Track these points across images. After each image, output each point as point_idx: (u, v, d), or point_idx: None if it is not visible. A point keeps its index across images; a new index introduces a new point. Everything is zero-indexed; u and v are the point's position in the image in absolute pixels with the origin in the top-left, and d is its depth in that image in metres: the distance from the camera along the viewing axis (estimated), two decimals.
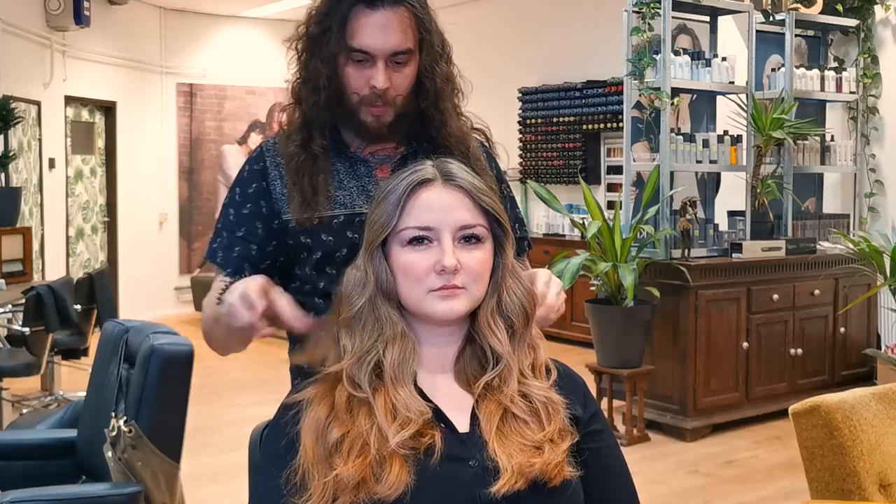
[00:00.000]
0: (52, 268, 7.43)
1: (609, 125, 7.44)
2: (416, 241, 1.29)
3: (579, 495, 1.28)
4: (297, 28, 1.65)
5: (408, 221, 1.30)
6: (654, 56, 5.02)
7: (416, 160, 1.50)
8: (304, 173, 1.60)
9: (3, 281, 5.34)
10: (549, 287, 1.55)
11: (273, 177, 1.64)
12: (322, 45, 1.59)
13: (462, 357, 1.33)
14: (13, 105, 5.91)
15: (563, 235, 7.65)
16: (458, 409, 1.29)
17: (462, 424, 1.28)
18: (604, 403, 5.02)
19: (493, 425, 1.26)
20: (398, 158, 1.66)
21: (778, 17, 5.70)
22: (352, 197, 1.64)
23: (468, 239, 1.30)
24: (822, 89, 5.84)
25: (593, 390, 5.05)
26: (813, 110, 5.95)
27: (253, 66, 9.35)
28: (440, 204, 1.30)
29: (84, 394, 2.90)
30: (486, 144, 1.77)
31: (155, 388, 2.45)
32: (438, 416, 1.26)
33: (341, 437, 1.22)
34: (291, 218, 1.61)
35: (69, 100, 7.96)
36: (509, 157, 8.32)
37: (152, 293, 8.83)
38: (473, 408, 1.29)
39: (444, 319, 1.30)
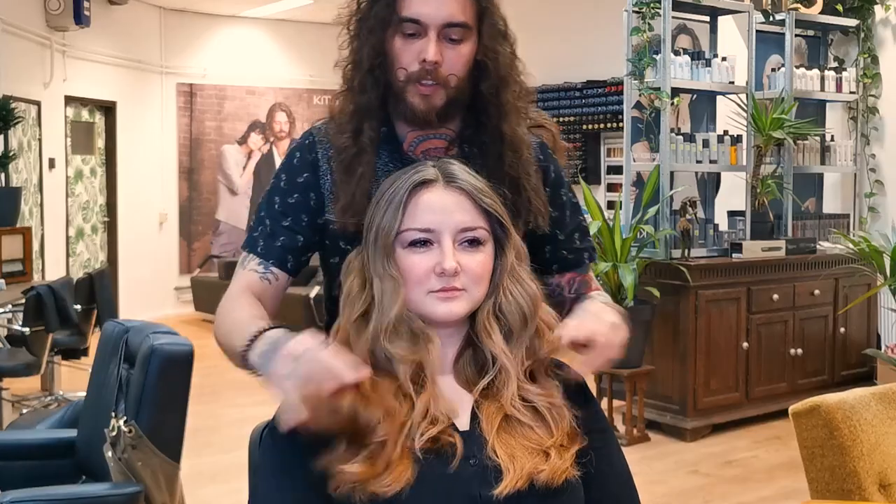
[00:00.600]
0: (52, 268, 7.43)
1: (609, 125, 7.44)
2: (417, 243, 1.29)
3: (580, 495, 1.28)
4: (347, 4, 1.52)
5: (408, 223, 1.29)
6: (654, 56, 5.02)
7: (472, 161, 1.45)
8: (352, 171, 1.48)
9: (3, 281, 5.34)
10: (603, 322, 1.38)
11: (324, 170, 1.53)
12: (370, 19, 1.47)
13: (461, 358, 1.33)
14: (13, 105, 5.91)
15: None
16: (459, 408, 1.29)
17: (462, 423, 1.28)
18: (604, 403, 5.02)
19: (494, 425, 1.26)
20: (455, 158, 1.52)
21: (778, 17, 5.70)
22: None
23: (469, 241, 1.30)
24: (822, 89, 5.84)
25: (593, 390, 5.04)
26: (813, 110, 5.95)
27: (253, 66, 9.35)
28: (441, 205, 1.30)
29: (84, 394, 2.90)
30: (546, 145, 1.65)
31: (155, 388, 2.44)
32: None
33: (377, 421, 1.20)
34: (334, 220, 1.50)
35: (69, 100, 7.96)
36: None
37: (152, 293, 8.84)
38: (473, 407, 1.29)
39: (442, 321, 1.30)
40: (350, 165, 1.47)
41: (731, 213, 5.63)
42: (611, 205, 7.14)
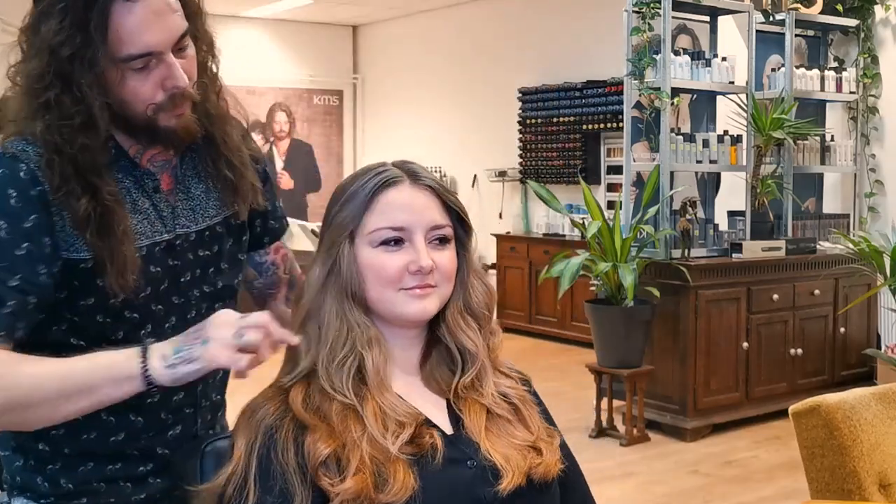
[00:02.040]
0: None
1: (609, 125, 7.44)
2: (389, 241, 1.27)
3: (557, 488, 1.31)
4: (14, 53, 1.31)
5: (379, 222, 1.27)
6: (654, 56, 5.02)
7: (193, 163, 1.42)
8: (110, 233, 1.27)
9: None
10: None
11: (59, 204, 1.27)
12: (76, 70, 1.24)
13: (429, 359, 1.33)
14: None
15: (563, 235, 7.65)
16: (437, 411, 1.29)
17: (446, 426, 1.28)
18: (604, 403, 5.02)
19: (481, 426, 1.27)
20: (181, 164, 1.41)
21: (778, 17, 5.70)
22: (150, 222, 1.36)
23: (439, 239, 1.30)
24: (822, 89, 5.84)
25: (593, 390, 5.06)
26: (813, 110, 5.94)
27: (253, 66, 9.35)
28: (412, 204, 1.28)
29: None
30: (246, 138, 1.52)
31: None
32: (401, 424, 1.24)
33: (332, 453, 1.18)
34: (89, 256, 1.28)
35: None
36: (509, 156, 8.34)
37: None
38: (453, 409, 1.29)
39: (415, 320, 1.29)
40: (101, 228, 1.27)
41: (731, 213, 5.63)
42: (611, 205, 7.13)
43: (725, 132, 5.40)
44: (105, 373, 1.23)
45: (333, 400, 1.22)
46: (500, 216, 8.45)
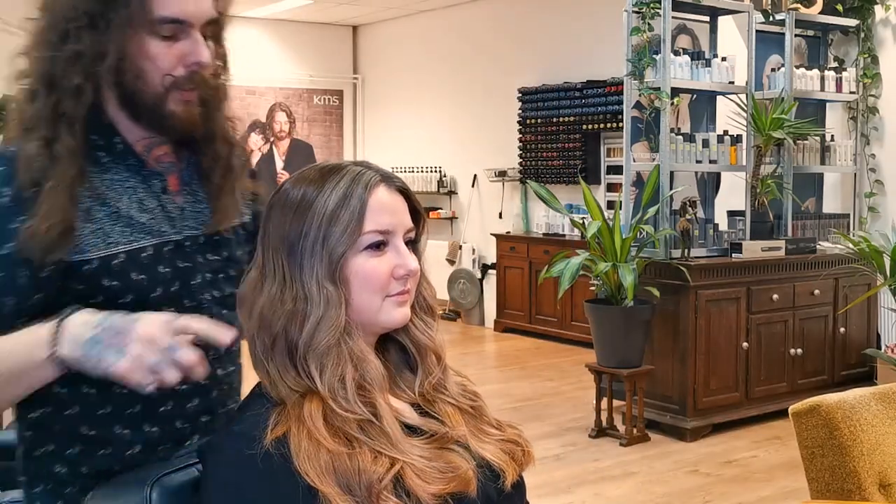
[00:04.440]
0: None
1: (609, 125, 7.44)
2: (375, 245, 1.22)
3: None
4: None
5: (366, 226, 1.20)
6: (654, 56, 5.02)
7: (198, 167, 1.40)
8: (38, 187, 1.22)
9: None
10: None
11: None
12: (109, 14, 1.24)
13: (390, 365, 1.28)
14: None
15: (563, 235, 7.65)
16: (414, 416, 1.25)
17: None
18: (604, 403, 5.03)
19: (462, 425, 1.25)
20: (186, 167, 1.39)
21: (778, 17, 5.70)
22: (157, 222, 1.33)
23: (411, 241, 1.27)
24: (822, 89, 5.84)
25: (593, 390, 5.06)
26: (813, 110, 5.95)
27: (253, 66, 9.34)
28: (393, 206, 1.24)
29: None
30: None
31: None
32: (410, 428, 1.21)
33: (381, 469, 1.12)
34: (93, 256, 1.25)
35: None
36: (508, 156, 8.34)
37: None
38: (427, 412, 1.26)
39: (397, 327, 1.26)
40: (36, 181, 1.22)
41: (731, 213, 5.63)
42: (611, 205, 7.14)
43: (725, 132, 5.40)
44: (22, 356, 1.17)
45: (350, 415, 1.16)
46: (500, 216, 8.45)
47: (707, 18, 5.54)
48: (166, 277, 1.33)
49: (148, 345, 1.15)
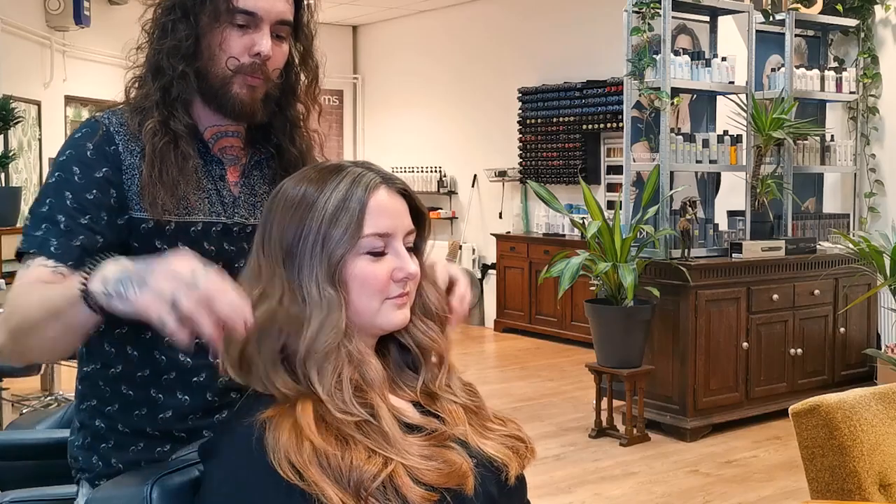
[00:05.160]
0: None
1: (609, 125, 7.44)
2: (375, 249, 1.21)
3: None
4: None
5: (366, 229, 1.20)
6: (654, 56, 5.02)
7: (261, 167, 1.50)
8: (167, 161, 1.39)
9: (3, 281, 5.34)
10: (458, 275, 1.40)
11: (129, 165, 1.40)
12: (197, 6, 1.42)
13: (391, 365, 1.29)
14: (13, 105, 5.91)
15: (563, 235, 7.65)
16: (414, 415, 1.25)
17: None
18: (604, 403, 5.02)
19: (465, 423, 1.26)
20: (249, 163, 1.52)
21: (778, 17, 5.70)
22: (211, 202, 1.46)
23: (411, 245, 1.27)
24: (822, 89, 5.84)
25: (593, 390, 5.06)
26: (813, 110, 5.95)
27: None
28: (393, 209, 1.23)
29: None
30: None
31: None
32: (409, 427, 1.21)
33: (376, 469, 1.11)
34: (150, 217, 1.38)
35: (69, 99, 7.95)
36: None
37: None
38: (428, 411, 1.26)
39: (396, 330, 1.26)
40: (163, 154, 1.39)
41: (731, 213, 5.63)
42: (611, 205, 7.14)
43: (725, 132, 5.40)
44: (58, 296, 1.19)
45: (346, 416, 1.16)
46: (500, 216, 8.46)
47: (707, 18, 5.54)
48: (210, 256, 1.41)
49: (169, 280, 1.09)
